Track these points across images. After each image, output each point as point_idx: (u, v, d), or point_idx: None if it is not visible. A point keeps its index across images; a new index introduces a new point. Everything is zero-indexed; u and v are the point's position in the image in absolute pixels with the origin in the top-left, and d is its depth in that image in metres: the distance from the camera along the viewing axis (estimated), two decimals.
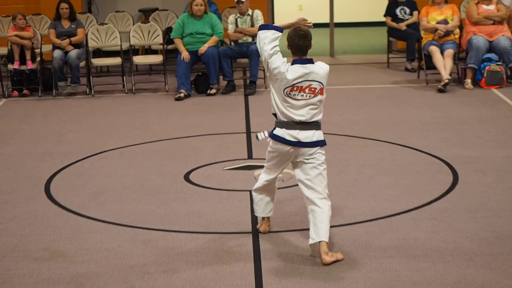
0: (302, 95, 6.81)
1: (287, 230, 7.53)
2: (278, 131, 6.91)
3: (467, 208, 7.97)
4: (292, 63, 6.84)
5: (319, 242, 6.79)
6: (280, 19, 7.78)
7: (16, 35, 14.13)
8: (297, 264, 6.79)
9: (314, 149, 6.90)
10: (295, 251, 7.07)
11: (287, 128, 6.87)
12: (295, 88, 6.80)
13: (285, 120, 6.88)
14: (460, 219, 7.69)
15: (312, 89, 6.83)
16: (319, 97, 6.86)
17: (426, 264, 6.70)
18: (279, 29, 6.90)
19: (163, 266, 6.84)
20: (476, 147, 10.14)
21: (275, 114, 6.96)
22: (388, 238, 7.27)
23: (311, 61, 6.84)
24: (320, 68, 6.85)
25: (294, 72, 6.78)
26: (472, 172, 9.12)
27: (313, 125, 6.90)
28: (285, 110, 6.86)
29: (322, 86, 6.84)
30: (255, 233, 7.48)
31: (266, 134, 7.09)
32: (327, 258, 6.77)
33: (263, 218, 7.47)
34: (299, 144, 6.89)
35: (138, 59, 14.97)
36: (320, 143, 6.93)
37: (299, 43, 6.85)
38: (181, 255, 7.06)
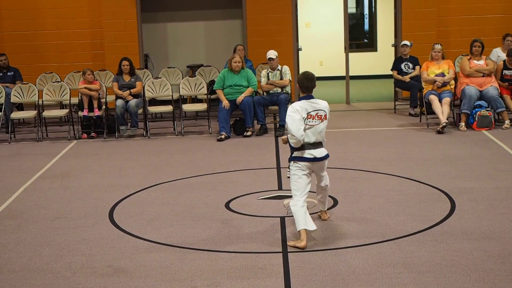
0: (314, 121, 7.67)
1: (311, 250, 7.49)
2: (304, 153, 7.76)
3: (463, 231, 7.90)
4: (300, 99, 7.74)
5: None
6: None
7: (85, 88, 14.22)
8: (319, 279, 6.75)
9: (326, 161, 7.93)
10: (318, 267, 7.03)
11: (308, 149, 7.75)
12: (309, 116, 7.66)
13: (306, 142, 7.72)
14: (457, 240, 7.63)
15: (319, 116, 7.69)
16: (325, 122, 7.76)
17: (429, 278, 6.65)
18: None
19: (207, 280, 6.82)
20: (470, 180, 10.06)
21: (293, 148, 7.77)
22: (397, 257, 7.22)
23: (313, 97, 7.75)
24: (322, 101, 7.80)
25: (302, 109, 7.64)
26: (467, 201, 9.04)
27: (321, 144, 7.85)
28: (305, 137, 7.67)
29: (325, 113, 7.74)
30: (285, 253, 7.45)
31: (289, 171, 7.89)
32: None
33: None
34: (315, 159, 7.79)
35: (186, 107, 15.00)
36: (327, 156, 7.91)
37: (307, 84, 7.74)
38: (222, 271, 7.04)
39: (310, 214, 7.80)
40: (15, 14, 17.48)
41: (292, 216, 7.73)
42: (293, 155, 7.78)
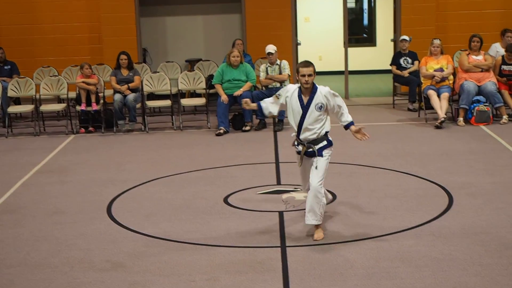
0: None
1: (310, 244, 7.54)
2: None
3: (460, 226, 7.95)
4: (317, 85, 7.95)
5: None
6: None
7: (83, 82, 14.26)
8: (318, 273, 6.80)
9: None
10: (317, 262, 7.08)
11: None
12: None
13: None
14: (454, 235, 7.68)
15: None
16: None
17: (427, 272, 6.70)
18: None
19: (206, 275, 6.86)
20: (467, 175, 10.11)
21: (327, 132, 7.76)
22: (395, 251, 7.27)
23: None
24: None
25: None
26: (465, 196, 9.09)
27: None
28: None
29: None
30: (283, 247, 7.50)
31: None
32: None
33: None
34: None
35: (185, 101, 15.04)
36: None
37: None
38: (221, 266, 7.08)
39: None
40: (12, 7, 17.48)
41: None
42: (330, 139, 7.76)
